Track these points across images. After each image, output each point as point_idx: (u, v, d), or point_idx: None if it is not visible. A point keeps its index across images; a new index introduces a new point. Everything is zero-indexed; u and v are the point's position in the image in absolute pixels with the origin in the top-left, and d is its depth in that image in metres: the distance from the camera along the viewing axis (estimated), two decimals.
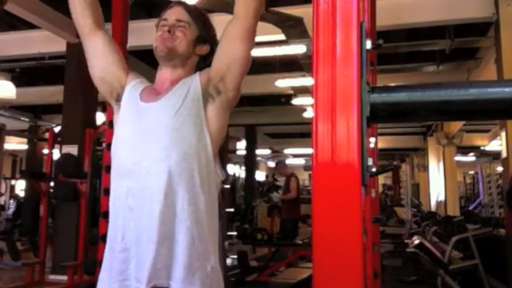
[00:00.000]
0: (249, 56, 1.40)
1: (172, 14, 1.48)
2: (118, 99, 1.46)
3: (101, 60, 1.50)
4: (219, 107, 1.39)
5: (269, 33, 5.71)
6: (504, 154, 5.01)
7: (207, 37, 1.51)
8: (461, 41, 6.55)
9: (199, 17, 1.52)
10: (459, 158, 14.19)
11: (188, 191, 1.31)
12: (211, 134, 1.36)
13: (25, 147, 12.32)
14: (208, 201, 1.34)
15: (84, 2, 1.48)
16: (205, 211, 1.33)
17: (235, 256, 5.63)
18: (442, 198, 11.90)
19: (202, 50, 1.50)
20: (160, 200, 1.29)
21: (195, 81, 1.39)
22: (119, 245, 1.33)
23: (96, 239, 2.30)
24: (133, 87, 1.46)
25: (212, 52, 1.47)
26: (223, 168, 1.45)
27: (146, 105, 1.39)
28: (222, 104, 1.39)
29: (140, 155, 1.33)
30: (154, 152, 1.32)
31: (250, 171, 13.39)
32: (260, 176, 17.07)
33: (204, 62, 1.49)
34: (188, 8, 1.51)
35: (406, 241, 6.87)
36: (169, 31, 1.44)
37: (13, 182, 15.08)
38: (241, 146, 13.69)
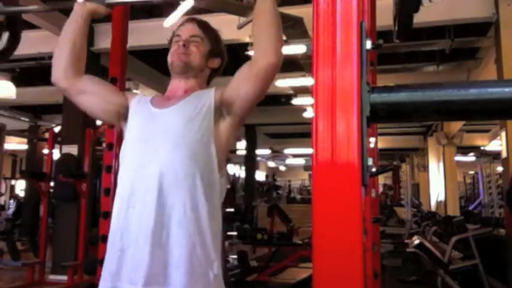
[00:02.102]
0: (257, 95, 1.42)
1: (186, 30, 1.53)
2: (125, 118, 1.50)
3: (97, 99, 1.52)
4: (228, 124, 1.44)
5: None
6: (504, 154, 5.01)
7: (218, 51, 1.57)
8: (461, 41, 6.54)
9: (211, 32, 1.57)
10: (459, 158, 14.19)
11: (190, 198, 1.33)
12: (217, 147, 1.40)
13: (25, 147, 12.31)
14: (211, 210, 1.36)
15: (70, 58, 1.49)
16: (208, 219, 1.35)
17: (235, 256, 5.63)
18: (442, 198, 11.90)
19: (214, 63, 1.56)
20: (161, 204, 1.31)
21: (210, 96, 1.43)
22: (117, 244, 1.36)
23: (96, 239, 2.30)
24: (139, 101, 1.51)
25: (223, 64, 1.57)
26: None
27: (159, 111, 1.44)
28: (231, 123, 1.45)
29: (147, 158, 1.37)
30: (160, 155, 1.35)
31: (250, 171, 13.39)
32: (260, 176, 17.08)
33: (215, 74, 1.58)
34: (200, 24, 1.56)
35: (406, 241, 6.87)
36: (184, 45, 1.49)
37: (13, 182, 15.08)
38: (241, 146, 13.70)
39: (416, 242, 5.22)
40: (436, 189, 12.36)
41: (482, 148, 13.60)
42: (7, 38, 1.92)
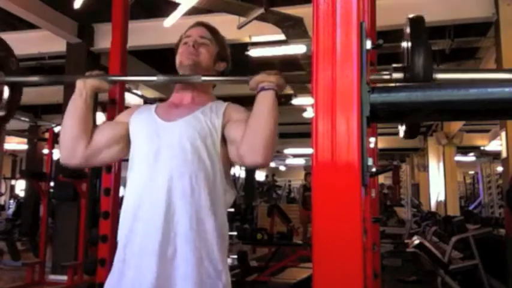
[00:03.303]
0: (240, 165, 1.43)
1: (195, 32, 1.55)
2: (129, 138, 1.50)
3: (111, 150, 1.50)
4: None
5: (269, 33, 5.71)
6: (504, 154, 5.01)
7: (224, 55, 1.59)
8: (461, 41, 6.54)
9: (219, 36, 1.59)
10: (459, 158, 14.18)
11: (197, 212, 1.34)
12: (224, 162, 1.41)
13: (25, 147, 12.30)
14: (217, 223, 1.37)
15: (77, 136, 1.45)
16: (214, 232, 1.35)
17: (235, 256, 5.63)
18: (442, 198, 11.90)
19: (220, 67, 1.58)
20: (167, 218, 1.32)
21: (220, 114, 1.44)
22: (120, 254, 1.38)
23: (96, 239, 2.30)
24: (140, 112, 1.51)
25: (227, 70, 1.59)
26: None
27: (166, 124, 1.43)
28: None
29: (155, 172, 1.37)
30: (168, 170, 1.36)
31: (250, 171, 13.36)
32: (260, 176, 17.07)
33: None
34: (209, 28, 1.58)
35: (406, 241, 6.87)
36: (193, 46, 1.50)
37: (13, 182, 15.08)
38: None
39: (416, 242, 5.22)
40: (436, 189, 12.36)
41: (482, 148, 13.60)
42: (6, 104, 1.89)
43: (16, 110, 1.96)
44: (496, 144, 11.35)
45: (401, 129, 2.11)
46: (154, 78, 1.50)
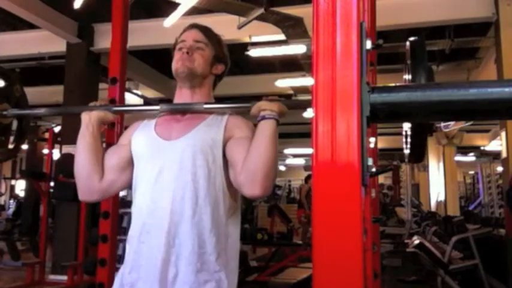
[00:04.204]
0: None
1: (190, 36, 1.52)
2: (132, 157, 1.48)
3: (122, 177, 1.49)
4: None
5: (269, 33, 5.72)
6: (504, 154, 5.01)
7: (222, 56, 1.56)
8: (461, 41, 6.55)
9: (214, 38, 1.56)
10: (459, 158, 14.19)
11: (199, 233, 1.32)
12: (227, 179, 1.38)
13: (25, 147, 12.29)
14: (219, 244, 1.35)
15: (91, 171, 1.45)
16: (215, 253, 1.34)
17: None
18: (442, 198, 11.91)
19: (218, 70, 1.55)
20: (169, 242, 1.31)
21: (221, 127, 1.41)
22: (126, 278, 1.37)
23: (96, 239, 2.30)
24: (140, 130, 1.49)
25: (226, 70, 1.57)
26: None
27: (166, 143, 1.41)
28: None
29: (158, 194, 1.36)
30: (170, 192, 1.34)
31: None
32: None
33: (219, 80, 1.58)
34: (203, 30, 1.55)
35: (406, 241, 6.87)
36: (187, 53, 1.47)
37: (13, 182, 15.08)
38: None
39: (416, 242, 5.23)
40: (436, 189, 12.36)
41: (482, 148, 13.60)
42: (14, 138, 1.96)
43: (25, 139, 2.01)
44: (496, 144, 11.35)
45: (406, 152, 2.10)
46: (157, 107, 1.50)
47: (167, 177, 1.36)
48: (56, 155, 6.49)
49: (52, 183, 6.11)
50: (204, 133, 1.40)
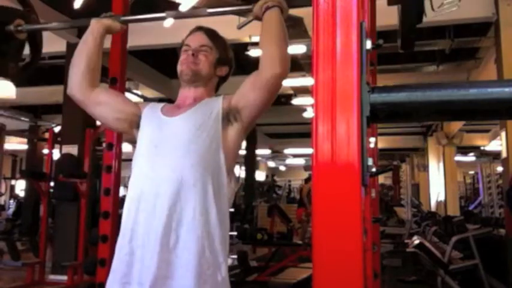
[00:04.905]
0: (264, 103, 1.44)
1: (195, 39, 1.57)
2: (138, 126, 1.54)
3: (110, 109, 1.57)
4: (236, 130, 1.47)
5: None
6: (504, 154, 5.01)
7: (226, 59, 1.61)
8: (461, 41, 6.54)
9: (219, 41, 1.60)
10: (459, 158, 14.19)
11: (200, 202, 1.36)
12: (226, 153, 1.43)
13: (25, 147, 12.31)
14: (219, 214, 1.38)
15: (86, 72, 1.55)
16: (217, 223, 1.37)
17: (235, 256, 5.63)
18: (442, 198, 11.90)
19: (222, 71, 1.60)
20: (170, 208, 1.34)
21: (218, 103, 1.47)
22: (125, 247, 1.39)
23: (96, 239, 2.30)
24: (150, 108, 1.56)
25: (230, 72, 1.62)
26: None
27: (168, 119, 1.48)
28: (238, 129, 1.47)
29: (157, 164, 1.40)
30: (170, 161, 1.39)
31: (250, 171, 13.38)
32: (260, 176, 17.07)
33: (223, 81, 1.63)
34: (208, 33, 1.59)
35: (406, 241, 6.87)
36: (193, 55, 1.52)
37: (13, 182, 15.09)
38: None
39: (416, 242, 5.22)
40: (436, 189, 12.36)
41: (482, 148, 13.60)
42: (29, 54, 2.03)
43: (40, 53, 2.04)
44: (496, 144, 11.35)
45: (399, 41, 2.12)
46: (163, 14, 1.67)
47: (167, 148, 1.41)
48: (56, 155, 6.49)
49: (52, 183, 6.11)
50: (203, 107, 1.47)
